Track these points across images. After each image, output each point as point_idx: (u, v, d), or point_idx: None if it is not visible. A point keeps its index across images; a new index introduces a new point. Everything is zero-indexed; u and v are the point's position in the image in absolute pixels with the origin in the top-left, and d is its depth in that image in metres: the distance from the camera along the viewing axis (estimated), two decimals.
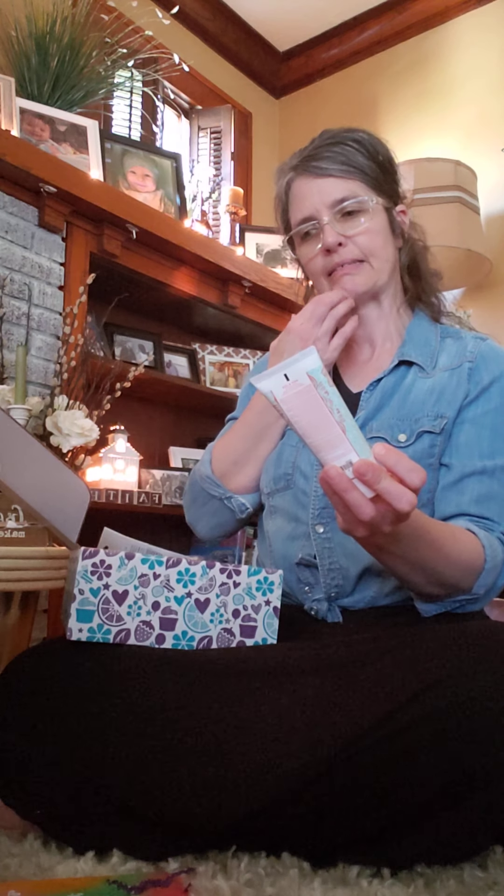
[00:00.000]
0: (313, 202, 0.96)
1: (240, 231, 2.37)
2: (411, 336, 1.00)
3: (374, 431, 0.93)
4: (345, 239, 0.96)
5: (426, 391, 0.95)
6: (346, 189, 0.95)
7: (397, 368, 0.98)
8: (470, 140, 2.57)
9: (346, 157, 0.95)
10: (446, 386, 0.94)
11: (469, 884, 0.68)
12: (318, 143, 0.98)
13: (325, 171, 0.96)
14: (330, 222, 0.96)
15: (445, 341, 1.00)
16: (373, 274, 0.98)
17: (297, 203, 0.99)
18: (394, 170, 1.02)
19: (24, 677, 0.79)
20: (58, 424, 1.39)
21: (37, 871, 0.70)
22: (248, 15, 2.85)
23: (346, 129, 1.00)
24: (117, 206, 1.70)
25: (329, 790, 0.67)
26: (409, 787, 0.66)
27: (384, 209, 0.98)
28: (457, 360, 0.96)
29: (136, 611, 0.78)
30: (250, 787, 0.68)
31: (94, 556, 0.78)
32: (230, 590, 0.81)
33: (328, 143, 0.97)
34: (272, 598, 0.82)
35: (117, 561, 0.78)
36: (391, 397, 0.96)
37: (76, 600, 0.77)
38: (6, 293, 1.50)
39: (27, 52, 1.85)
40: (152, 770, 0.71)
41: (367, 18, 2.84)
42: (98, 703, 0.74)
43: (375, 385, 0.97)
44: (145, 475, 1.88)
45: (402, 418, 0.93)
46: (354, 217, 0.96)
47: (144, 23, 2.16)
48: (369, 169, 0.96)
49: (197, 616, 0.80)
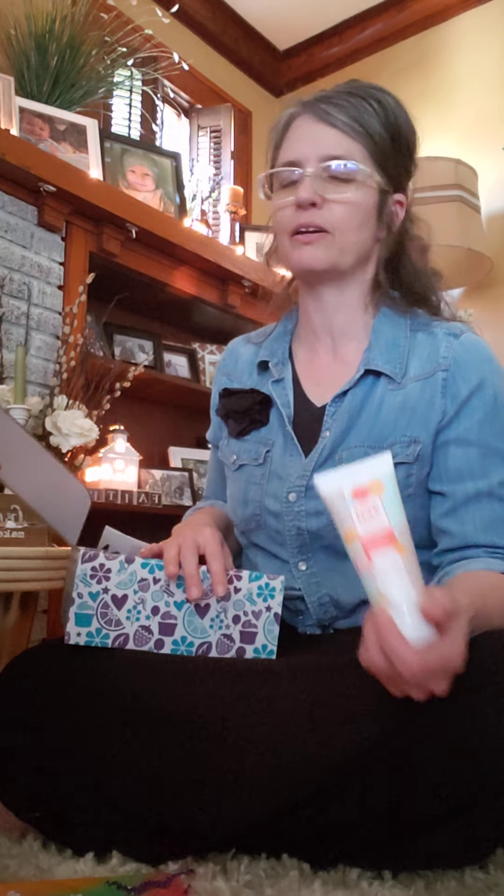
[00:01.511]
0: (304, 147, 0.86)
1: (240, 230, 2.36)
2: (378, 336, 0.90)
3: (344, 460, 0.85)
4: (321, 200, 0.85)
5: (397, 408, 0.86)
6: (344, 147, 0.85)
7: (364, 378, 0.88)
8: (470, 139, 2.56)
9: (358, 114, 0.85)
10: (418, 402, 0.85)
11: (470, 885, 0.68)
12: (340, 87, 0.88)
13: (330, 120, 0.85)
14: (312, 177, 0.85)
15: (416, 337, 0.89)
16: (334, 251, 0.86)
17: (289, 142, 0.89)
18: (408, 153, 0.90)
19: (24, 678, 0.79)
20: (57, 424, 1.39)
21: (36, 872, 0.69)
22: (248, 13, 2.84)
23: (381, 87, 0.89)
24: (117, 205, 1.70)
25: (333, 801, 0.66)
26: (414, 798, 0.66)
27: (378, 190, 0.87)
28: (429, 368, 0.86)
29: (135, 615, 0.78)
30: (252, 797, 0.67)
31: (94, 559, 0.77)
32: (231, 595, 0.80)
33: (351, 90, 0.87)
34: (273, 605, 0.81)
35: (117, 565, 0.77)
36: (359, 415, 0.87)
37: (75, 604, 0.76)
38: (5, 293, 1.50)
39: (27, 51, 1.85)
40: (150, 775, 0.70)
41: (368, 17, 2.83)
42: (97, 705, 0.74)
43: (341, 399, 0.88)
44: (145, 475, 1.88)
45: (372, 445, 0.85)
46: (341, 183, 0.85)
47: (144, 21, 2.15)
48: (379, 137, 0.85)
49: (196, 621, 0.79)
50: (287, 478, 0.89)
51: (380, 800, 0.66)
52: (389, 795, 0.66)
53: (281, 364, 0.96)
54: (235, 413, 0.96)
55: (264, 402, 0.94)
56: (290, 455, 0.90)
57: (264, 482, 0.91)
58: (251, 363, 1.00)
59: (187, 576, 0.77)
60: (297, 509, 0.87)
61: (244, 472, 0.94)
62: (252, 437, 0.94)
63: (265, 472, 0.91)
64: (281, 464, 0.90)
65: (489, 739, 0.65)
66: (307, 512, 0.87)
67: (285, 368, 0.96)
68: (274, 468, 0.91)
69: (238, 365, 1.02)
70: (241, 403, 0.95)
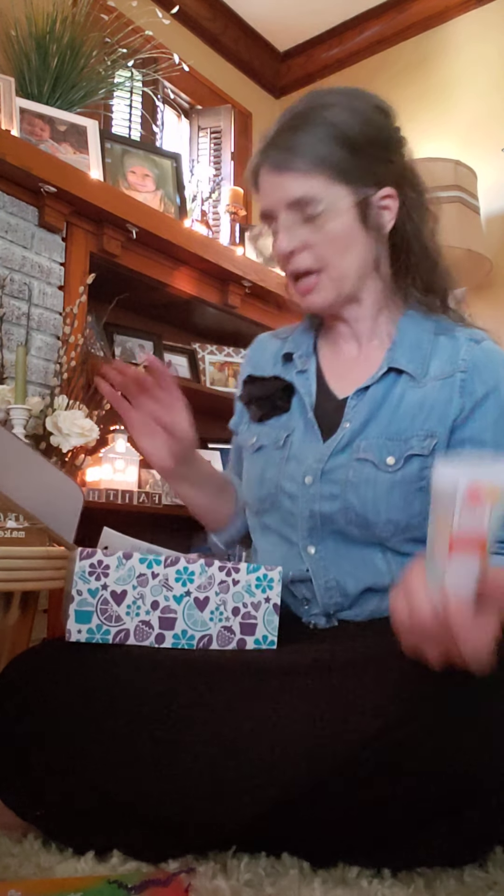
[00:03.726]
0: (270, 199, 0.90)
1: (240, 231, 2.37)
2: (402, 336, 0.92)
3: (361, 452, 0.87)
4: (299, 246, 0.88)
5: (416, 405, 0.88)
6: (305, 187, 0.86)
7: (386, 376, 0.91)
8: (470, 140, 2.57)
9: (308, 148, 0.85)
10: (437, 399, 0.88)
11: (469, 884, 0.68)
12: (283, 123, 0.88)
13: (285, 165, 0.86)
14: (286, 224, 0.88)
15: (439, 340, 0.92)
16: (332, 286, 0.90)
17: (260, 194, 0.92)
18: (381, 144, 0.89)
19: (24, 677, 0.79)
20: (58, 424, 1.39)
21: (37, 871, 0.70)
22: (248, 15, 2.85)
23: (322, 97, 0.88)
24: (117, 206, 1.70)
25: (333, 796, 0.67)
26: (412, 794, 0.66)
27: (353, 204, 0.88)
28: (448, 369, 0.89)
29: (135, 610, 0.78)
30: (254, 791, 0.67)
31: (92, 556, 0.78)
32: (229, 588, 0.80)
33: (295, 123, 0.87)
34: (272, 595, 0.82)
35: (115, 561, 0.78)
36: (379, 409, 0.90)
37: (74, 601, 0.77)
38: (6, 293, 1.50)
39: (27, 51, 1.85)
40: (151, 771, 0.71)
41: (368, 18, 2.83)
42: (97, 703, 0.74)
43: (363, 393, 0.91)
44: (145, 475, 1.88)
45: (390, 437, 0.87)
46: (314, 219, 0.87)
47: (144, 23, 2.16)
48: (336, 158, 0.85)
49: (196, 615, 0.79)
50: (304, 461, 0.91)
51: (378, 795, 0.66)
52: (388, 790, 0.66)
53: (305, 356, 1.00)
54: (258, 399, 0.99)
55: (287, 390, 0.98)
56: (309, 440, 0.93)
57: (282, 464, 0.93)
58: (276, 355, 1.03)
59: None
60: (311, 492, 0.89)
61: (263, 453, 0.97)
62: (273, 423, 0.97)
63: (284, 455, 0.93)
64: (300, 448, 0.93)
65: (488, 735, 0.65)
66: (321, 495, 0.88)
67: (309, 361, 0.99)
68: (293, 452, 0.93)
69: (264, 356, 1.05)
70: (264, 390, 0.99)
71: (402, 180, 0.92)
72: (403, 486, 0.85)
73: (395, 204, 0.91)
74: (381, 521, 0.85)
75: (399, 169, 0.92)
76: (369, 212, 0.89)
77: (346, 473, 0.87)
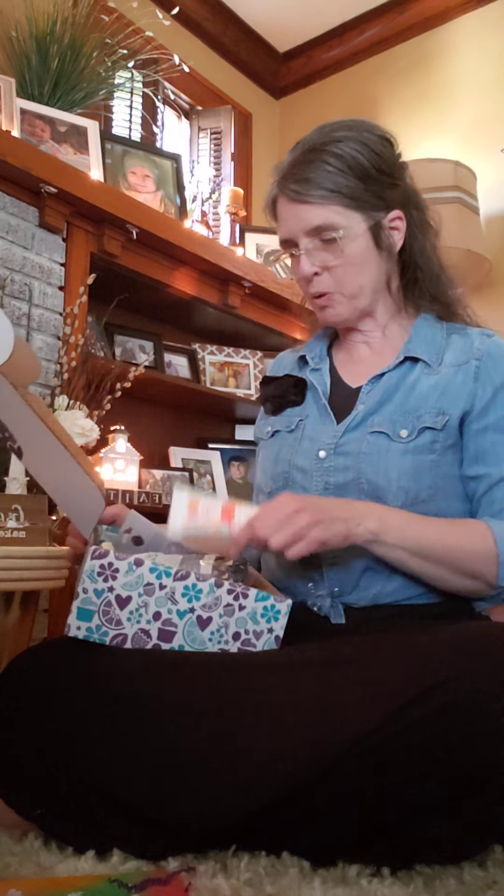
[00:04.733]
0: (290, 228, 0.97)
1: (240, 231, 2.37)
2: (417, 333, 0.99)
3: (374, 426, 0.93)
4: (321, 269, 0.96)
5: (430, 387, 0.94)
6: (323, 216, 0.93)
7: (402, 364, 0.97)
8: (469, 141, 2.57)
9: (322, 179, 0.92)
10: (451, 382, 0.93)
11: (469, 883, 0.68)
12: (297, 157, 0.95)
13: (301, 198, 0.93)
14: (307, 250, 0.95)
15: (451, 338, 0.99)
16: (349, 302, 0.98)
17: (279, 223, 0.99)
18: (387, 172, 0.96)
19: (25, 677, 0.79)
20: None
21: (37, 870, 0.70)
22: (249, 16, 2.85)
23: (331, 132, 0.95)
24: (118, 206, 1.70)
25: (333, 789, 0.67)
26: (412, 787, 0.67)
27: (367, 227, 0.95)
28: (463, 357, 0.95)
29: (136, 618, 0.78)
30: (252, 787, 0.68)
31: (104, 557, 0.77)
32: (234, 612, 0.79)
33: (308, 158, 0.94)
34: (276, 627, 0.80)
35: (125, 566, 0.77)
36: (395, 393, 0.95)
37: (79, 598, 0.77)
38: (6, 293, 1.50)
39: (28, 52, 1.86)
40: (152, 769, 0.71)
41: (368, 19, 2.84)
42: (98, 703, 0.74)
43: (378, 379, 0.97)
44: (145, 475, 1.89)
45: (404, 413, 0.93)
46: (332, 244, 0.94)
47: (145, 24, 2.16)
48: (348, 189, 0.93)
49: (196, 632, 0.79)
50: (318, 439, 0.96)
51: (378, 790, 0.67)
52: (387, 785, 0.66)
53: (318, 358, 1.06)
54: (272, 397, 1.05)
55: (299, 384, 1.04)
56: (323, 423, 0.98)
57: (296, 443, 0.99)
58: (293, 362, 1.10)
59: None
60: (326, 465, 0.94)
61: (277, 438, 1.03)
62: (287, 412, 1.03)
63: (298, 437, 0.99)
64: (313, 429, 0.98)
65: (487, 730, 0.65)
66: (335, 468, 0.93)
67: (323, 361, 1.05)
68: (306, 433, 0.99)
69: (281, 365, 1.12)
70: (277, 387, 1.05)
71: (407, 201, 1.00)
72: (415, 455, 0.90)
73: (403, 224, 0.99)
74: (393, 489, 0.89)
75: (404, 191, 0.99)
76: (381, 233, 0.97)
77: (360, 446, 0.92)
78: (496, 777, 0.66)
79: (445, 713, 0.66)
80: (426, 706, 0.66)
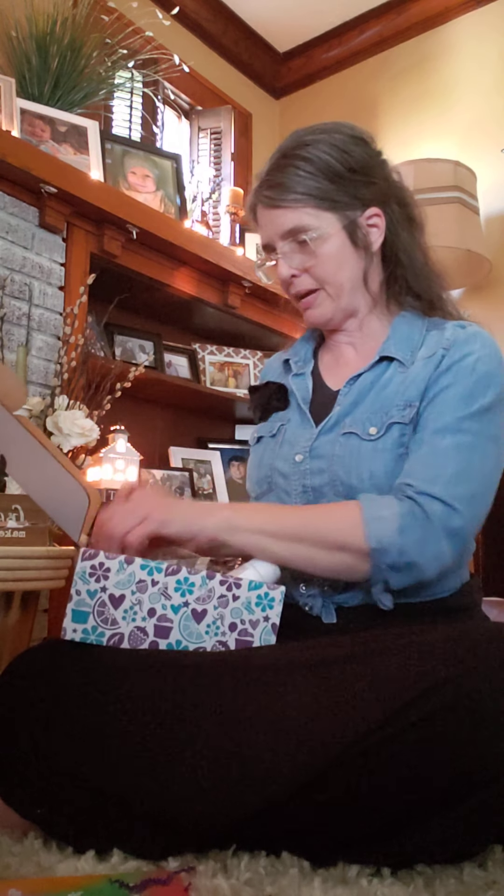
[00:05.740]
0: (268, 232, 0.99)
1: (240, 231, 2.37)
2: (395, 332, 0.99)
3: (347, 427, 0.93)
4: (298, 271, 0.98)
5: (400, 383, 0.94)
6: (295, 219, 0.95)
7: (378, 364, 0.97)
8: (469, 141, 2.57)
9: (294, 184, 0.94)
10: (418, 374, 0.93)
11: (468, 883, 0.68)
12: (272, 164, 0.98)
13: (274, 203, 0.96)
14: (283, 254, 0.97)
15: (430, 333, 0.98)
16: (331, 300, 0.99)
17: (259, 229, 1.02)
18: (361, 171, 0.96)
19: (25, 676, 0.79)
20: (58, 424, 1.40)
21: (37, 870, 0.70)
22: (249, 16, 2.85)
23: (302, 136, 0.97)
24: (118, 206, 1.71)
25: (332, 788, 0.67)
26: (411, 787, 0.67)
27: (342, 227, 0.96)
28: (433, 349, 0.94)
29: (131, 616, 0.78)
30: (252, 786, 0.68)
31: (94, 557, 0.78)
32: (229, 603, 0.79)
33: (279, 165, 0.96)
34: (271, 615, 0.80)
35: (116, 565, 0.78)
36: (368, 392, 0.96)
37: (72, 600, 0.77)
38: (7, 293, 1.50)
39: (28, 52, 1.86)
40: (152, 769, 0.71)
41: (368, 19, 2.84)
42: (98, 703, 0.74)
43: (354, 381, 0.97)
44: (145, 475, 1.89)
45: (374, 412, 0.93)
46: (307, 246, 0.96)
47: (145, 24, 2.16)
48: (319, 191, 0.94)
49: (192, 626, 0.79)
50: (296, 443, 0.98)
51: (377, 788, 0.67)
52: (387, 784, 0.67)
53: (302, 362, 1.07)
54: (258, 405, 1.08)
55: (281, 390, 1.06)
56: (302, 427, 1.00)
57: (277, 448, 1.01)
58: (279, 365, 1.11)
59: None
60: (303, 468, 0.95)
61: (262, 443, 1.05)
62: (272, 418, 1.06)
63: (279, 441, 1.01)
64: (293, 433, 1.00)
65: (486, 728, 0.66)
66: (311, 471, 0.94)
67: (307, 365, 1.06)
68: (286, 437, 1.00)
69: (269, 370, 1.14)
70: (262, 396, 1.08)
71: (387, 198, 0.99)
72: (385, 452, 0.90)
73: (382, 221, 0.99)
74: (366, 489, 0.89)
75: (383, 188, 0.99)
76: (358, 232, 0.97)
77: (333, 448, 0.93)
78: (495, 776, 0.66)
79: (445, 713, 0.66)
80: (425, 706, 0.66)
